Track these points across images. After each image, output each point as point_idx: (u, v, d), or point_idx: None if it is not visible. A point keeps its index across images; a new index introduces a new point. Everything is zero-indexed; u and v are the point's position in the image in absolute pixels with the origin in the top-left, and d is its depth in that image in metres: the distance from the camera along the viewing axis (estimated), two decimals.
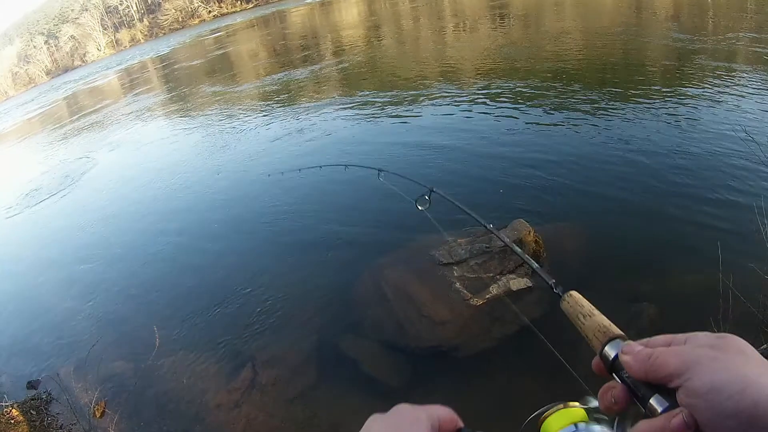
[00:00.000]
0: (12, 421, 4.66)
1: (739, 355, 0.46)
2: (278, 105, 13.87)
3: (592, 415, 0.59)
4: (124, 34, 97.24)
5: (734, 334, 0.50)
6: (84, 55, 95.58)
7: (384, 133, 9.39)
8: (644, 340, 0.56)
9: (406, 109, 10.44)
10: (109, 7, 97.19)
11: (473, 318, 4.26)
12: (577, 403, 0.61)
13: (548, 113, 8.18)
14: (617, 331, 0.61)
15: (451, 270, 4.62)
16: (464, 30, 19.27)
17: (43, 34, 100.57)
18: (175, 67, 33.38)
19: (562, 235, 5.02)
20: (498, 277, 4.50)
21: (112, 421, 4.36)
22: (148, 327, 5.46)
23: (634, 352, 0.54)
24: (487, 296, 4.37)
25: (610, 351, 0.59)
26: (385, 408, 0.55)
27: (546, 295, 4.40)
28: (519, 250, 0.96)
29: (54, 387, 5.08)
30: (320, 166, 5.29)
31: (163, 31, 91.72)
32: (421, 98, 10.82)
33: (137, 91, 26.82)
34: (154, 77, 33.34)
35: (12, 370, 5.79)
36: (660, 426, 0.47)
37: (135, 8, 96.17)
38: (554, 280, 0.86)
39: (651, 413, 0.50)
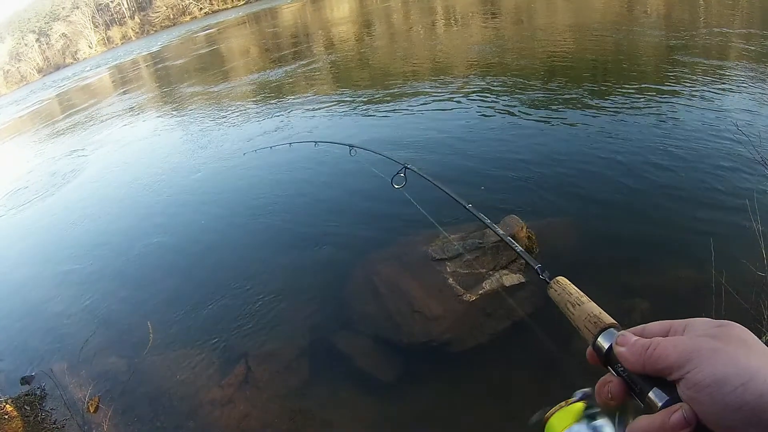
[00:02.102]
0: (6, 417, 4.64)
1: (741, 345, 0.44)
2: (261, 102, 13.78)
3: (594, 411, 0.56)
4: (115, 32, 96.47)
5: None
6: (75, 52, 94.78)
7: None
8: (639, 327, 0.53)
9: (392, 102, 10.42)
10: (100, 4, 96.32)
11: (466, 313, 4.26)
12: (578, 401, 0.58)
13: (538, 108, 8.16)
14: (610, 319, 0.58)
15: (444, 265, 4.63)
16: (455, 25, 19.25)
17: (34, 32, 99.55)
18: (166, 64, 33.15)
19: (555, 231, 5.03)
20: (491, 272, 4.52)
21: (106, 416, 4.35)
22: (141, 323, 5.44)
23: (629, 344, 0.51)
24: (480, 292, 4.38)
25: (603, 342, 0.55)
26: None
27: (539, 289, 4.42)
28: (501, 231, 0.95)
29: (48, 382, 5.07)
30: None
31: (154, 29, 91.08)
32: (407, 93, 10.78)
33: (127, 89, 26.64)
34: (144, 74, 33.11)
35: (5, 365, 5.76)
36: (659, 422, 0.45)
37: (126, 6, 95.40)
38: (540, 265, 0.81)
39: (650, 408, 0.47)
